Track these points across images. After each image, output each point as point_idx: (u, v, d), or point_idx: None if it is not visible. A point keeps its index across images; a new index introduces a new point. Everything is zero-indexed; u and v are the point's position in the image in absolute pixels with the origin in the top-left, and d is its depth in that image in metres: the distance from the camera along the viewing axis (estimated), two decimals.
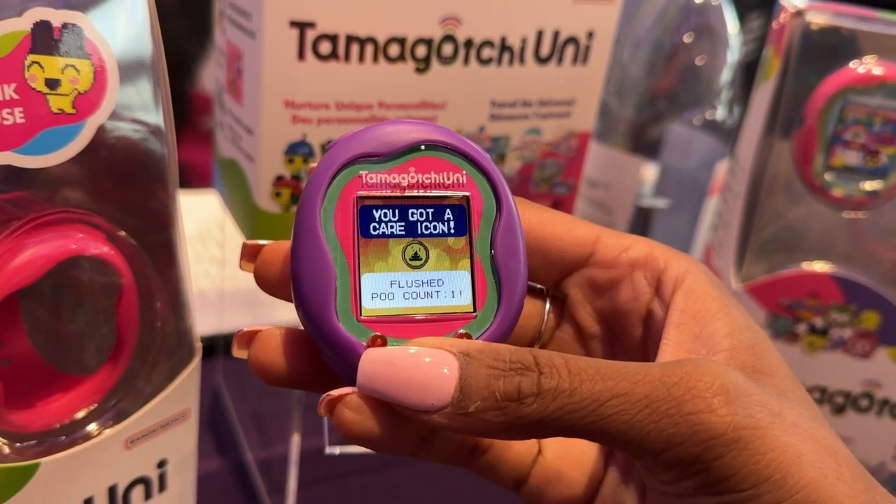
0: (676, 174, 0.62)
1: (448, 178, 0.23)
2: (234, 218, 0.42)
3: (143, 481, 0.31)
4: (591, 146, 0.46)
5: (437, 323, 0.22)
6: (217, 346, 0.54)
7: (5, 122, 0.24)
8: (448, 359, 0.20)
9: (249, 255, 0.25)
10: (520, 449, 0.26)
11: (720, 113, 0.61)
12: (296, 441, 0.42)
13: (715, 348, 0.23)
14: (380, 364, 0.21)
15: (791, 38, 0.42)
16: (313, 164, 0.24)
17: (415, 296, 0.22)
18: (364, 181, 0.22)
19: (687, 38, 0.60)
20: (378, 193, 0.22)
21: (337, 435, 0.40)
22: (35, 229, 0.26)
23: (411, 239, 0.23)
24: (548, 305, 0.27)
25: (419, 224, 0.23)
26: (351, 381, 0.21)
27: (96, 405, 0.29)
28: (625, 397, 0.20)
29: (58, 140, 0.26)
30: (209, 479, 0.47)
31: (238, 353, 0.24)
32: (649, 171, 0.61)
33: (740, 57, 0.61)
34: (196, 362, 0.31)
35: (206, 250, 0.66)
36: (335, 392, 0.21)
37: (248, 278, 0.26)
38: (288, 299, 0.24)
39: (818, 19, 0.42)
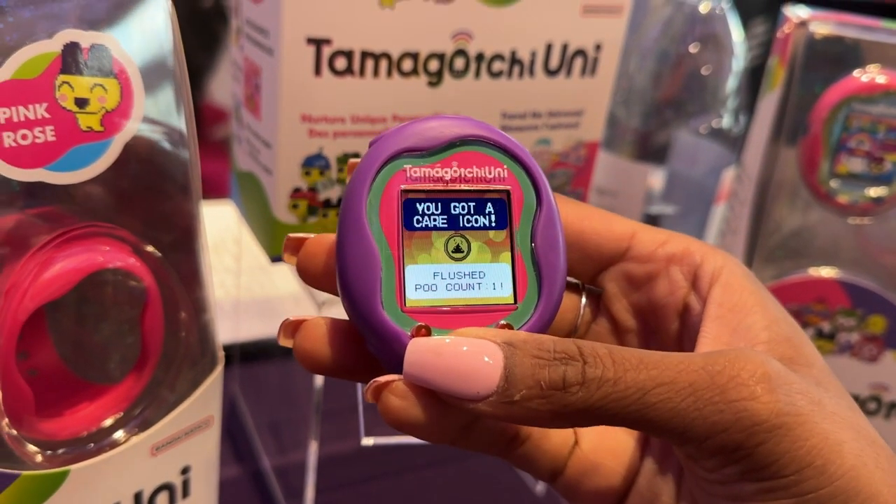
0: (684, 181, 0.63)
1: (489, 173, 0.23)
2: (252, 230, 0.43)
3: (168, 487, 0.32)
4: (599, 155, 0.47)
5: (479, 314, 0.23)
6: (233, 355, 0.54)
7: (37, 140, 0.25)
8: (493, 348, 0.20)
9: (293, 248, 0.25)
10: (557, 440, 0.26)
11: (726, 121, 0.62)
12: (313, 448, 0.42)
13: (753, 340, 0.23)
14: (426, 353, 0.21)
15: (795, 47, 0.43)
16: (355, 161, 0.24)
17: (457, 287, 0.23)
18: (408, 175, 0.23)
19: (693, 48, 0.61)
20: (422, 187, 0.23)
21: (373, 426, 0.41)
22: (64, 244, 0.27)
23: (453, 232, 0.23)
24: (584, 299, 0.27)
25: (461, 217, 0.23)
26: (394, 369, 0.22)
27: (122, 413, 0.30)
28: (669, 385, 0.20)
29: (86, 157, 0.26)
30: (227, 486, 0.48)
31: (284, 342, 0.25)
32: (657, 179, 0.62)
33: (745, 63, 0.62)
34: (219, 371, 0.32)
35: (221, 261, 0.67)
36: (382, 379, 0.21)
37: (262, 289, 0.26)
38: (329, 291, 0.25)
39: (822, 29, 0.43)
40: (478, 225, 0.23)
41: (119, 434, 0.30)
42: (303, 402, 0.45)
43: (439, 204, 0.23)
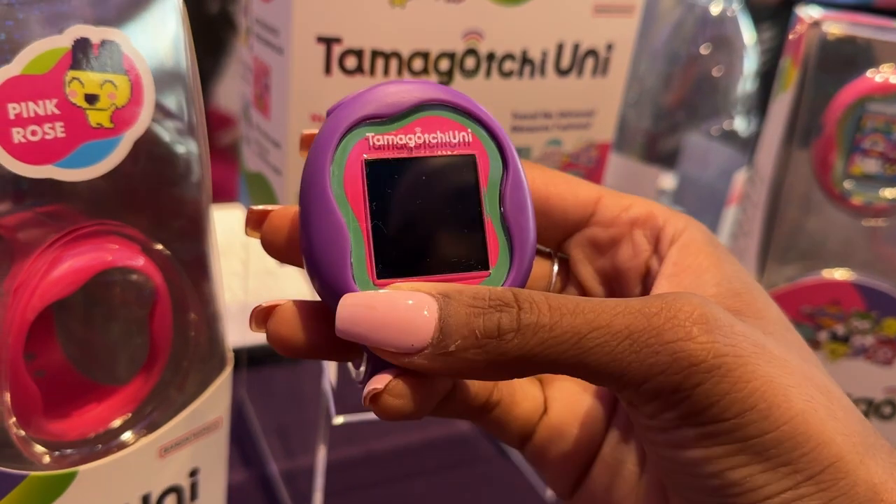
0: (695, 184, 0.62)
1: (454, 137, 0.23)
2: None
3: (176, 490, 0.31)
4: (610, 156, 0.46)
5: (452, 282, 0.22)
6: (240, 359, 0.54)
7: (46, 137, 0.25)
8: (427, 300, 0.20)
9: (255, 221, 0.25)
10: (527, 406, 0.26)
11: (738, 123, 0.61)
12: (322, 452, 0.42)
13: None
14: (359, 307, 0.20)
15: (808, 48, 0.43)
16: (310, 132, 0.24)
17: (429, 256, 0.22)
18: (371, 143, 0.22)
19: (704, 50, 0.60)
20: (386, 155, 0.22)
21: (345, 405, 0.40)
22: (72, 242, 0.27)
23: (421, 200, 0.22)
24: (556, 266, 0.27)
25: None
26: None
27: (131, 414, 0.30)
28: (605, 329, 0.20)
29: (96, 154, 0.26)
30: (235, 491, 0.48)
31: (256, 329, 0.24)
32: (667, 181, 0.62)
33: (758, 55, 0.62)
34: (228, 372, 0.32)
35: (228, 264, 0.66)
36: (378, 385, 0.21)
37: (269, 293, 0.26)
38: (296, 263, 0.24)
39: (835, 29, 0.42)
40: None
41: (127, 435, 0.29)
42: (311, 406, 0.45)
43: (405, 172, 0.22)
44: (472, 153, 0.23)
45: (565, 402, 0.27)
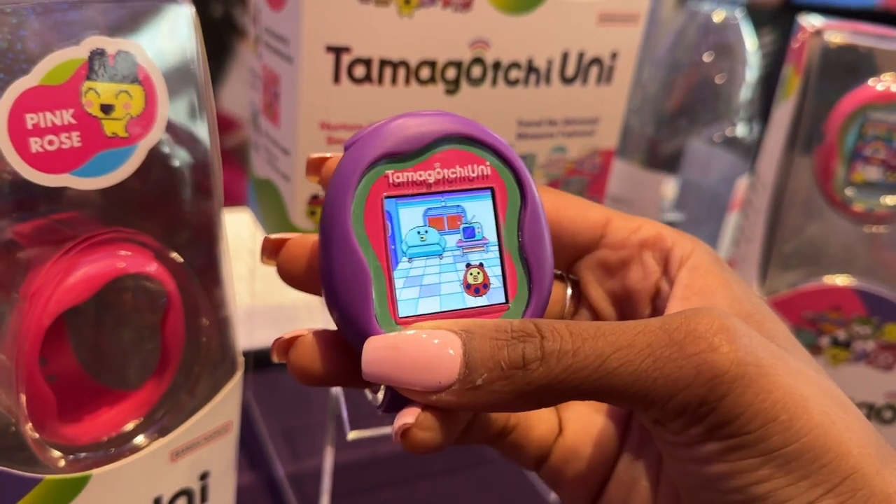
0: (697, 190, 0.63)
1: (473, 171, 0.23)
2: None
3: (187, 493, 0.32)
4: (613, 162, 0.47)
5: (473, 318, 0.22)
6: (247, 363, 0.54)
7: (63, 146, 0.25)
8: (451, 337, 0.20)
9: (272, 250, 0.25)
10: (543, 429, 0.27)
11: (740, 129, 0.62)
12: (329, 455, 0.42)
13: None
14: (384, 349, 0.21)
15: (810, 56, 0.43)
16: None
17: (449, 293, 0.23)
18: (390, 181, 0.22)
19: (707, 57, 0.61)
20: (405, 192, 0.22)
21: (363, 412, 0.40)
22: (87, 249, 0.27)
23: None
24: (569, 290, 0.27)
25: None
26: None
27: (143, 418, 0.30)
28: (627, 348, 0.20)
29: (111, 162, 0.27)
30: (242, 494, 0.48)
31: (278, 359, 0.25)
32: (670, 187, 0.62)
33: (759, 60, 0.62)
34: (238, 376, 0.32)
35: (234, 268, 0.67)
36: (409, 419, 0.21)
37: (276, 296, 0.26)
38: (313, 292, 0.24)
39: (837, 38, 0.43)
40: None
41: (139, 439, 0.30)
42: (317, 409, 0.45)
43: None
44: (490, 186, 0.23)
45: (580, 424, 0.27)
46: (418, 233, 0.22)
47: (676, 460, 0.22)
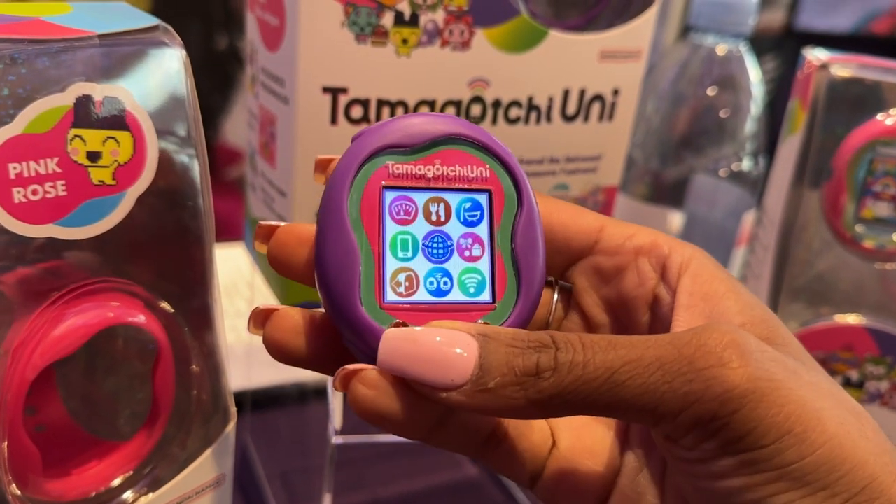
0: (703, 224, 0.62)
1: (472, 172, 0.23)
2: (265, 276, 0.42)
3: None
4: (617, 198, 0.46)
5: (458, 313, 0.23)
6: (244, 403, 0.54)
7: (48, 196, 0.25)
8: (467, 338, 0.21)
9: (264, 235, 0.25)
10: (534, 439, 0.26)
11: (745, 163, 0.61)
12: (327, 500, 0.41)
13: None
14: (401, 341, 0.21)
15: (817, 90, 0.43)
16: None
17: (436, 285, 0.23)
18: (390, 171, 0.23)
19: (711, 91, 0.60)
20: (404, 184, 0.23)
21: (347, 423, 0.39)
22: (74, 300, 0.27)
23: (435, 231, 0.23)
24: (556, 296, 0.27)
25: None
26: (370, 364, 0.22)
27: (132, 472, 0.29)
28: (636, 362, 0.20)
29: (98, 211, 0.26)
30: None
31: (253, 331, 0.25)
32: (675, 221, 0.61)
33: (763, 92, 0.62)
34: (231, 427, 0.31)
35: (233, 304, 0.66)
36: (351, 367, 0.21)
37: None
38: (299, 280, 0.24)
39: (843, 72, 0.42)
40: None
41: (128, 494, 0.29)
42: (316, 451, 0.44)
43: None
44: (488, 188, 0.23)
45: (574, 433, 0.26)
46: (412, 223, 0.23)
47: (689, 476, 0.22)
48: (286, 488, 0.50)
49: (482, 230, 0.23)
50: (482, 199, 0.23)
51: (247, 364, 0.58)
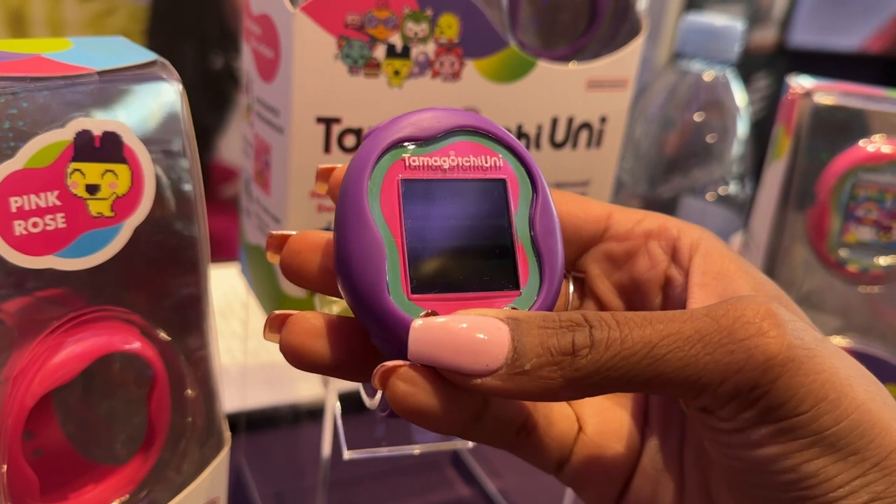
0: None
1: (486, 162, 0.23)
2: (260, 301, 0.43)
3: None
4: None
5: (484, 301, 0.23)
6: (239, 424, 0.54)
7: (47, 228, 0.25)
8: (498, 323, 0.20)
9: (275, 246, 0.25)
10: (562, 426, 0.26)
11: (732, 188, 0.62)
12: None
13: None
14: (433, 329, 0.21)
15: (801, 118, 0.44)
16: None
17: (461, 275, 0.23)
18: (407, 164, 0.23)
19: (697, 117, 0.61)
20: (421, 176, 0.23)
21: (355, 439, 0.40)
22: (73, 328, 0.27)
23: (455, 220, 0.23)
24: (571, 286, 0.28)
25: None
26: (400, 359, 0.21)
27: (128, 496, 0.30)
28: (676, 335, 0.20)
29: (97, 242, 0.27)
30: None
31: (269, 336, 0.24)
32: None
33: (750, 116, 0.63)
34: (225, 451, 0.32)
35: (228, 325, 0.66)
36: (389, 363, 0.21)
37: (270, 354, 0.26)
38: (312, 288, 0.24)
39: (826, 99, 0.43)
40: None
41: None
42: (310, 472, 0.45)
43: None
44: (503, 177, 0.24)
45: (600, 418, 0.27)
46: (432, 214, 0.23)
47: (724, 446, 0.22)
48: None
49: (501, 218, 0.23)
50: (498, 187, 0.23)
51: (241, 385, 0.58)
